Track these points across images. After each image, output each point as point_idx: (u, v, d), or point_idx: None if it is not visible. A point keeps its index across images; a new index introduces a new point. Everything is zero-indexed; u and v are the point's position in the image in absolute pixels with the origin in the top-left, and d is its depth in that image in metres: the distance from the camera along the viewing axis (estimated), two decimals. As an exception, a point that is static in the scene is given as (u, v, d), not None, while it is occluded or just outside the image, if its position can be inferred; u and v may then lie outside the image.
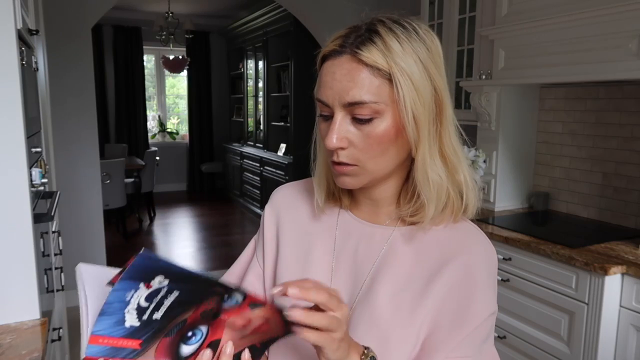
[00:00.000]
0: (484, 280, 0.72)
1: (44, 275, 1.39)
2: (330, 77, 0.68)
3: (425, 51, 0.68)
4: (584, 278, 1.83)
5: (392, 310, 0.71)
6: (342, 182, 0.73)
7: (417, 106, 0.67)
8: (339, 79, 0.67)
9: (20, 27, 1.20)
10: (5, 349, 1.06)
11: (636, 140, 2.23)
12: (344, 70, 0.67)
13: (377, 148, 0.68)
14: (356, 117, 0.67)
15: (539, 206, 2.63)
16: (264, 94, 6.18)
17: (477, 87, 2.55)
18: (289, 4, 3.97)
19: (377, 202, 0.78)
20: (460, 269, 0.71)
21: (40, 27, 2.18)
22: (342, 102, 0.67)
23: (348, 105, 0.67)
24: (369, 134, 0.68)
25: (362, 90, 0.66)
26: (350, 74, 0.66)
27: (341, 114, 0.68)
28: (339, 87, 0.67)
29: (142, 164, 5.73)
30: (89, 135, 3.47)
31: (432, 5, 2.92)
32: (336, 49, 0.68)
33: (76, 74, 3.36)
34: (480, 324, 0.70)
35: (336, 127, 0.68)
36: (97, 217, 3.59)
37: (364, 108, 0.66)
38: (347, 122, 0.68)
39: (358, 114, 0.67)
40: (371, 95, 0.66)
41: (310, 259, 0.79)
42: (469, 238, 0.75)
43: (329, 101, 0.68)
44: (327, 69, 0.69)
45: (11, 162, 1.17)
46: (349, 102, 0.66)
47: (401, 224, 0.77)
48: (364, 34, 0.67)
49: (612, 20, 1.87)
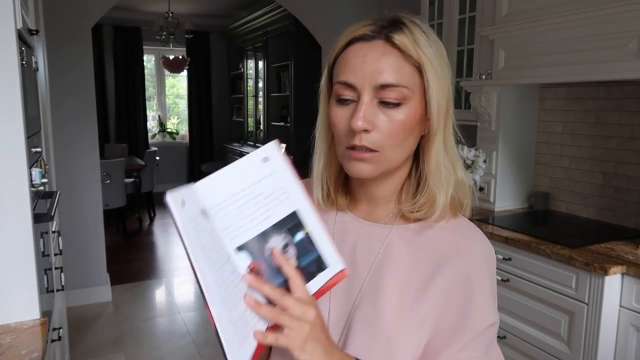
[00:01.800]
0: (485, 282, 0.72)
1: (44, 275, 1.39)
2: (360, 59, 0.68)
3: (439, 48, 0.71)
4: (584, 278, 1.83)
5: (395, 310, 0.71)
6: (357, 170, 0.71)
7: (441, 97, 0.70)
8: (371, 61, 0.68)
9: (20, 27, 1.20)
10: (5, 349, 1.06)
11: (636, 140, 2.23)
12: (376, 53, 0.68)
13: (400, 134, 0.69)
14: (385, 100, 0.68)
15: (539, 206, 2.63)
16: (264, 94, 6.18)
17: (477, 87, 2.55)
18: (289, 4, 3.97)
19: (376, 200, 0.78)
20: (460, 269, 0.71)
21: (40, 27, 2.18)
22: (373, 84, 0.67)
23: (380, 88, 0.67)
24: (394, 119, 0.68)
25: (395, 73, 0.67)
26: (385, 57, 0.68)
27: (369, 96, 0.68)
28: (370, 69, 0.67)
29: (142, 164, 5.73)
30: (89, 135, 3.47)
31: (432, 5, 2.92)
32: (368, 33, 0.69)
33: (76, 74, 3.36)
34: (482, 331, 0.69)
35: (363, 108, 0.68)
36: (97, 217, 3.58)
37: (394, 91, 0.67)
38: (373, 106, 0.68)
39: (387, 97, 0.68)
40: (401, 79, 0.68)
41: None
42: (467, 237, 0.75)
43: (358, 83, 0.68)
44: (356, 52, 0.69)
45: (11, 162, 1.17)
46: (381, 84, 0.67)
47: (400, 222, 0.77)
48: (389, 24, 0.70)
49: (612, 20, 1.87)
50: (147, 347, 3.04)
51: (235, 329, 0.59)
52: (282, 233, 0.63)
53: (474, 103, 2.58)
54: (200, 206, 0.60)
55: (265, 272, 0.62)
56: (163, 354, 2.97)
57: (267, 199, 0.62)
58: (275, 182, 0.63)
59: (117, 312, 3.52)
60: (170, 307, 3.67)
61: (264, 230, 0.62)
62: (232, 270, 0.60)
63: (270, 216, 0.62)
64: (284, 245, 0.63)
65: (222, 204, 0.61)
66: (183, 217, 0.58)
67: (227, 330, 0.58)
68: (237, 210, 0.61)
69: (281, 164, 0.64)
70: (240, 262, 0.61)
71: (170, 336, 3.19)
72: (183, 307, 3.60)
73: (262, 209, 0.62)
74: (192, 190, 0.61)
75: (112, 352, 2.97)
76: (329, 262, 0.64)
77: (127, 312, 3.52)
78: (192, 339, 3.11)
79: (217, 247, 0.60)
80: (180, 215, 0.58)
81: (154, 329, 3.31)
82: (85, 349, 2.99)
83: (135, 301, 3.71)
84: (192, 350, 3.00)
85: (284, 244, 0.63)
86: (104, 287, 3.68)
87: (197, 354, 2.95)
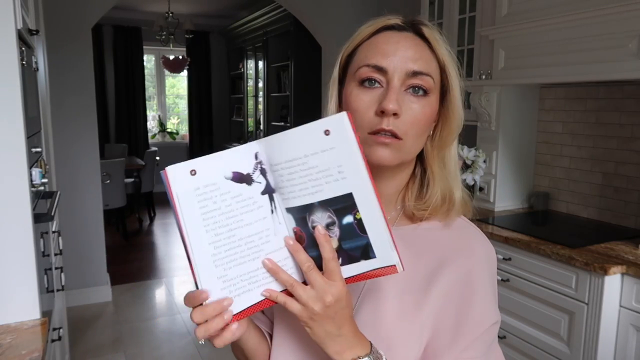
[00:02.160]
0: (485, 282, 0.72)
1: (44, 275, 1.39)
2: (394, 45, 0.70)
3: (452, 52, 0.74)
4: (584, 278, 1.83)
5: (396, 312, 0.71)
6: (379, 155, 0.69)
7: (457, 97, 0.73)
8: (405, 47, 0.70)
9: (20, 27, 1.20)
10: (5, 349, 1.06)
11: (636, 140, 2.23)
12: (410, 42, 0.70)
13: (422, 125, 0.71)
14: (415, 86, 0.69)
15: (539, 206, 2.63)
16: (264, 94, 6.18)
17: (477, 87, 2.55)
18: (289, 4, 3.97)
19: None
20: (460, 270, 0.71)
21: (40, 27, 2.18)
22: (406, 70, 0.69)
23: (412, 75, 0.69)
24: (419, 108, 0.70)
25: (426, 63, 0.70)
26: (417, 47, 0.71)
27: (399, 82, 0.69)
28: (405, 55, 0.69)
29: (142, 164, 5.73)
30: (89, 135, 3.47)
31: (432, 5, 2.91)
32: (400, 23, 0.73)
33: (76, 73, 3.36)
34: (485, 331, 0.69)
35: (395, 91, 0.68)
36: (97, 217, 3.59)
37: (423, 80, 0.69)
38: (401, 93, 0.69)
39: (418, 84, 0.69)
40: (431, 70, 0.70)
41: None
42: (467, 237, 0.75)
43: (390, 67, 0.69)
44: (387, 39, 0.71)
45: (11, 162, 1.17)
46: (414, 71, 0.69)
47: (400, 223, 0.77)
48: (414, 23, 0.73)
49: (612, 20, 1.87)
50: (147, 347, 3.04)
51: (225, 284, 0.62)
52: (329, 211, 0.61)
53: (474, 103, 2.58)
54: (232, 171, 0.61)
55: (305, 239, 0.63)
56: (163, 354, 2.97)
57: (319, 174, 0.60)
58: (334, 158, 0.59)
59: (117, 312, 3.52)
60: (170, 307, 3.67)
61: (311, 202, 0.61)
62: (250, 234, 0.62)
63: (321, 191, 0.60)
64: (329, 223, 0.61)
65: (277, 167, 0.61)
66: (187, 185, 0.59)
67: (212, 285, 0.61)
68: (289, 176, 0.61)
69: (346, 140, 0.59)
70: (288, 221, 0.63)
71: (170, 336, 3.19)
72: (183, 307, 3.60)
73: (312, 182, 0.60)
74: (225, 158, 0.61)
75: (112, 352, 2.97)
76: (379, 253, 0.62)
77: (127, 312, 3.52)
78: (192, 339, 3.11)
79: (237, 211, 0.61)
80: (181, 184, 0.59)
81: (154, 329, 3.31)
82: (85, 349, 2.99)
83: (135, 301, 3.71)
84: (192, 350, 3.00)
85: (329, 222, 0.61)
86: (104, 287, 3.68)
87: (197, 354, 2.95)
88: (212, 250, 0.61)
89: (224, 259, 0.61)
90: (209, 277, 0.61)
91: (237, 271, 0.62)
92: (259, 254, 0.63)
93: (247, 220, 0.62)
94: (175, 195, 0.59)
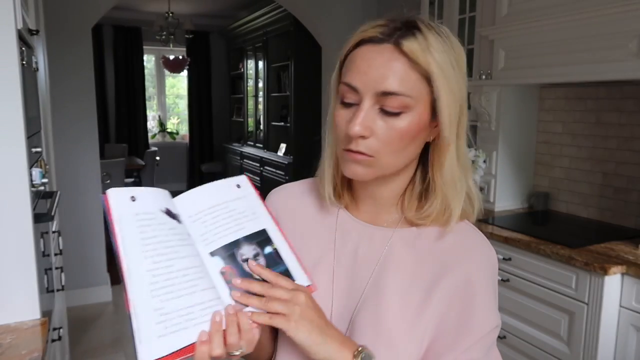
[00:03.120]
0: (486, 286, 0.72)
1: (44, 275, 1.39)
2: (366, 63, 0.67)
3: (457, 56, 0.69)
4: (584, 278, 1.83)
5: (398, 314, 0.71)
6: (352, 171, 0.70)
7: (452, 107, 0.68)
8: (377, 66, 0.66)
9: (20, 27, 1.20)
10: (5, 349, 1.06)
11: (636, 140, 2.23)
12: (383, 58, 0.66)
13: (398, 143, 0.68)
14: (385, 108, 0.66)
15: (539, 206, 2.63)
16: (264, 94, 6.18)
17: (477, 87, 2.55)
18: (289, 4, 3.97)
19: (379, 201, 0.77)
20: (462, 273, 0.71)
21: (40, 27, 2.18)
22: (375, 90, 0.66)
23: (381, 95, 0.66)
24: (393, 127, 0.67)
25: (399, 81, 0.65)
26: (390, 63, 0.66)
27: (370, 102, 0.67)
28: (375, 74, 0.66)
29: (142, 164, 5.73)
30: (89, 135, 3.47)
31: (432, 5, 2.91)
32: (378, 35, 0.67)
33: (76, 74, 3.36)
34: (485, 334, 0.69)
35: (363, 114, 0.66)
36: (97, 217, 3.58)
37: (396, 100, 0.66)
38: (374, 112, 0.67)
39: (388, 105, 0.66)
40: (405, 88, 0.66)
41: (311, 260, 0.78)
42: (469, 241, 0.75)
43: (361, 87, 0.67)
44: (363, 54, 0.68)
45: (11, 162, 1.17)
46: (383, 91, 0.65)
47: (402, 225, 0.76)
48: (403, 27, 0.67)
49: (612, 20, 1.86)
50: (147, 347, 3.04)
51: (162, 318, 0.61)
52: (253, 244, 0.71)
53: (474, 103, 2.58)
54: (165, 207, 0.67)
55: (237, 274, 0.68)
56: (163, 354, 2.96)
57: (240, 214, 0.72)
58: (247, 204, 0.74)
59: (117, 312, 3.52)
60: (170, 307, 3.67)
61: (237, 239, 0.70)
62: (187, 267, 0.65)
63: (243, 228, 0.71)
64: (255, 254, 0.70)
65: (199, 214, 0.70)
66: (127, 209, 0.63)
67: (147, 317, 0.60)
68: (213, 220, 0.70)
69: (251, 192, 0.75)
70: (213, 265, 0.67)
71: (170, 336, 3.18)
72: (183, 307, 3.60)
73: (235, 222, 0.71)
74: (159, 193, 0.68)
75: (112, 352, 2.97)
76: (296, 277, 0.71)
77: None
78: (192, 339, 3.11)
79: (173, 242, 0.65)
80: (122, 208, 0.63)
81: (154, 329, 3.30)
82: (85, 349, 2.99)
83: (135, 301, 3.71)
84: (192, 350, 3.00)
85: (255, 253, 0.70)
86: (104, 287, 3.68)
87: (197, 354, 2.95)
88: (149, 278, 0.61)
89: (161, 290, 0.62)
90: (145, 308, 0.60)
91: (174, 305, 0.62)
92: (194, 289, 0.64)
93: (182, 253, 0.65)
94: (115, 218, 0.62)
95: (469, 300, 0.70)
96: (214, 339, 0.62)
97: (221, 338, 0.62)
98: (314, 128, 5.02)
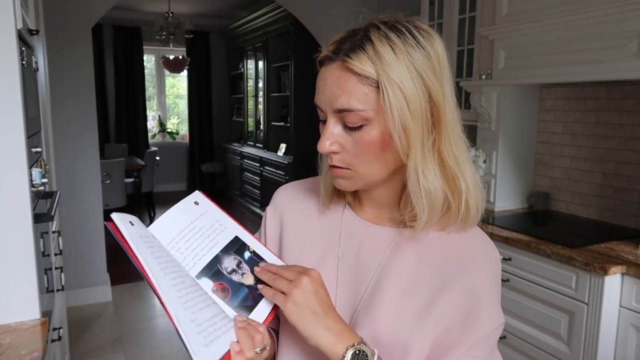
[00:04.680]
0: (491, 288, 0.72)
1: (44, 275, 1.39)
2: (322, 82, 0.70)
3: (422, 57, 0.66)
4: (584, 278, 1.83)
5: (400, 314, 0.71)
6: (337, 184, 0.74)
7: (406, 116, 0.65)
8: (329, 85, 0.68)
9: (20, 27, 1.20)
10: (5, 349, 1.06)
11: (636, 140, 2.23)
12: (334, 77, 0.68)
13: (368, 154, 0.69)
14: (345, 124, 0.68)
15: (539, 206, 2.63)
16: (264, 94, 6.18)
17: (477, 87, 2.55)
18: (289, 4, 3.97)
19: (380, 203, 0.78)
20: (466, 274, 0.71)
21: (40, 27, 2.18)
22: (332, 108, 0.68)
23: (338, 112, 0.68)
24: (358, 141, 0.68)
25: (350, 98, 0.66)
26: (340, 81, 0.67)
27: (333, 119, 0.69)
28: (329, 93, 0.68)
29: (142, 164, 5.73)
30: (89, 135, 3.47)
31: (432, 5, 2.91)
32: (329, 55, 0.69)
33: (76, 74, 3.36)
34: (490, 333, 0.70)
35: (328, 132, 0.70)
36: (97, 217, 3.58)
37: (352, 115, 0.67)
38: (339, 128, 0.69)
39: (347, 121, 0.68)
40: (359, 103, 0.66)
41: (315, 258, 0.79)
42: (475, 245, 0.75)
43: (323, 106, 0.70)
44: (321, 75, 0.70)
45: (11, 162, 1.17)
46: (338, 109, 0.68)
47: (404, 227, 0.77)
48: (357, 40, 0.67)
49: (612, 20, 1.87)
50: (147, 347, 3.04)
51: (200, 329, 0.63)
52: (232, 254, 0.74)
53: (474, 103, 2.58)
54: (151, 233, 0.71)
55: (229, 289, 0.71)
56: (163, 354, 2.97)
57: (209, 230, 0.74)
58: (211, 217, 0.76)
59: (117, 312, 3.52)
60: (170, 307, 3.67)
61: (216, 254, 0.73)
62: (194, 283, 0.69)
63: (217, 243, 0.74)
64: (237, 263, 0.73)
65: (172, 242, 0.72)
66: (132, 232, 0.66)
67: (189, 329, 0.62)
68: (186, 244, 0.72)
69: (209, 205, 0.77)
70: (205, 286, 0.71)
71: (170, 336, 3.19)
72: (183, 307, 3.60)
73: (208, 239, 0.74)
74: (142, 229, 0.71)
75: (112, 352, 2.97)
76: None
77: (127, 312, 3.52)
78: (192, 339, 3.11)
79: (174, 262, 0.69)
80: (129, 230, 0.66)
81: (154, 329, 3.31)
82: (85, 349, 2.99)
83: (135, 301, 3.71)
84: (192, 350, 3.00)
85: (237, 262, 0.74)
86: (104, 287, 3.68)
87: (197, 354, 2.95)
88: (175, 292, 0.64)
89: (189, 302, 0.65)
90: (185, 321, 0.62)
91: (203, 316, 0.65)
92: (208, 302, 0.68)
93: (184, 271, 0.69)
94: (129, 239, 0.64)
95: (474, 300, 0.70)
96: (244, 344, 0.66)
97: (250, 340, 0.67)
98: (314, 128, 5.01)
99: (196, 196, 0.77)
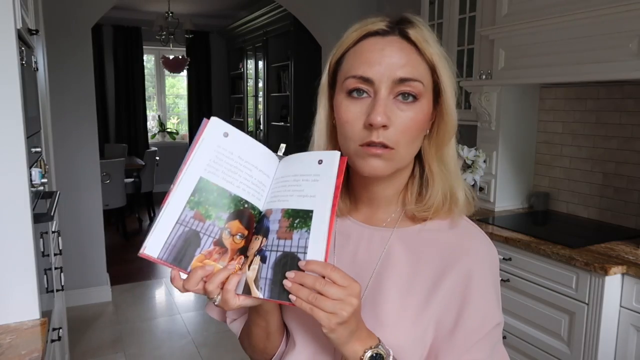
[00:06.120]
0: (486, 281, 0.72)
1: (44, 275, 1.39)
2: (378, 53, 0.68)
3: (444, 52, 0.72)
4: (584, 278, 1.83)
5: (398, 314, 0.71)
6: (371, 166, 0.69)
7: (452, 97, 0.70)
8: (390, 54, 0.67)
9: (20, 27, 1.20)
10: (5, 349, 1.06)
11: (636, 140, 2.23)
12: (394, 48, 0.68)
13: (413, 131, 0.69)
14: (404, 92, 0.68)
15: (539, 206, 2.63)
16: (264, 94, 6.18)
17: (477, 87, 2.54)
18: (289, 4, 3.97)
19: (378, 201, 0.77)
20: (461, 271, 0.71)
21: (40, 27, 2.18)
22: (392, 78, 0.67)
23: (398, 82, 0.67)
24: (409, 115, 0.68)
25: (414, 68, 0.68)
26: (403, 51, 0.68)
27: (386, 91, 0.67)
28: (390, 62, 0.67)
29: (142, 164, 5.73)
30: (88, 135, 3.47)
31: (432, 5, 2.91)
32: (384, 28, 0.69)
33: (76, 73, 3.36)
34: (488, 332, 0.70)
35: (383, 102, 0.67)
36: (97, 217, 3.58)
37: (412, 86, 0.67)
38: (390, 101, 0.68)
39: (406, 90, 0.67)
40: (419, 74, 0.68)
41: None
42: (468, 237, 0.75)
43: (376, 77, 0.67)
44: (372, 46, 0.69)
45: (11, 162, 1.17)
46: (401, 78, 0.67)
47: (401, 225, 0.76)
48: (401, 21, 0.70)
49: (612, 20, 1.86)
50: (147, 347, 3.04)
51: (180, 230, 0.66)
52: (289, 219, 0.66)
53: (474, 103, 2.58)
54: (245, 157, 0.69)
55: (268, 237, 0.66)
56: (163, 354, 2.97)
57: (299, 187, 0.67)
58: (316, 185, 0.65)
59: (117, 312, 3.52)
60: (170, 307, 3.67)
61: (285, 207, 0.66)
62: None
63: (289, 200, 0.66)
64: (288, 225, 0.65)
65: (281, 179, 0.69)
66: (213, 137, 0.66)
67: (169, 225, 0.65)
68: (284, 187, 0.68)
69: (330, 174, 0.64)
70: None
71: (170, 336, 3.19)
72: (183, 307, 3.60)
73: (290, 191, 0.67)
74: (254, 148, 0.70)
75: (112, 352, 2.97)
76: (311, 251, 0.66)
77: (127, 312, 3.52)
78: (192, 339, 3.11)
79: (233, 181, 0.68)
80: (213, 134, 0.66)
81: (154, 329, 3.30)
82: (85, 349, 2.99)
83: (135, 301, 3.71)
84: (192, 350, 3.00)
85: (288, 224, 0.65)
86: (104, 287, 3.68)
87: (197, 354, 2.95)
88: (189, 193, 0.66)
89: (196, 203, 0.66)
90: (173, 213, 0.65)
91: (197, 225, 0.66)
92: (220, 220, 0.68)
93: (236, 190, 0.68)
94: (201, 139, 0.66)
95: (470, 296, 0.70)
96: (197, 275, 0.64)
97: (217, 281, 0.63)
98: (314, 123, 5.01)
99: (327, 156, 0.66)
